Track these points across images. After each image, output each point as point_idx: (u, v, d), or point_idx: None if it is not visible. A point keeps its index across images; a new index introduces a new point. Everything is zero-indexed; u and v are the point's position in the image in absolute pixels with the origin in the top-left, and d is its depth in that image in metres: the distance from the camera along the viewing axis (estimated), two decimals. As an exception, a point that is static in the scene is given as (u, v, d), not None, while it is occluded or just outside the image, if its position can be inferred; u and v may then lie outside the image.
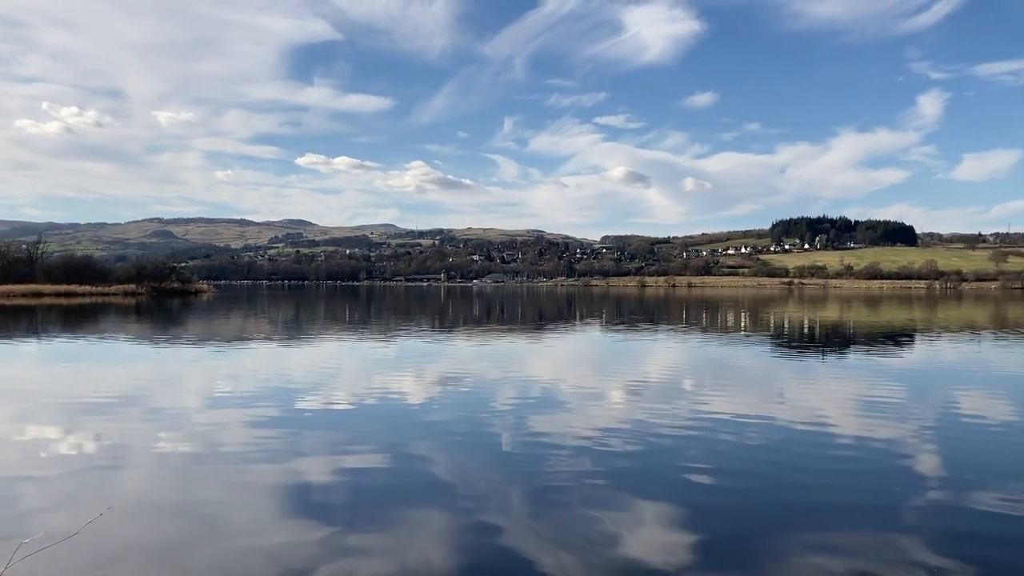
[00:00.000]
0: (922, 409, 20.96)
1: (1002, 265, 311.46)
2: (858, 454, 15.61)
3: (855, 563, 9.59)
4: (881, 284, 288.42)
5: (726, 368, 30.86)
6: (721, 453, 15.46)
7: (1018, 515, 11.49)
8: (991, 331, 55.43)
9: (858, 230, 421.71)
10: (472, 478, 13.45)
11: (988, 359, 35.68)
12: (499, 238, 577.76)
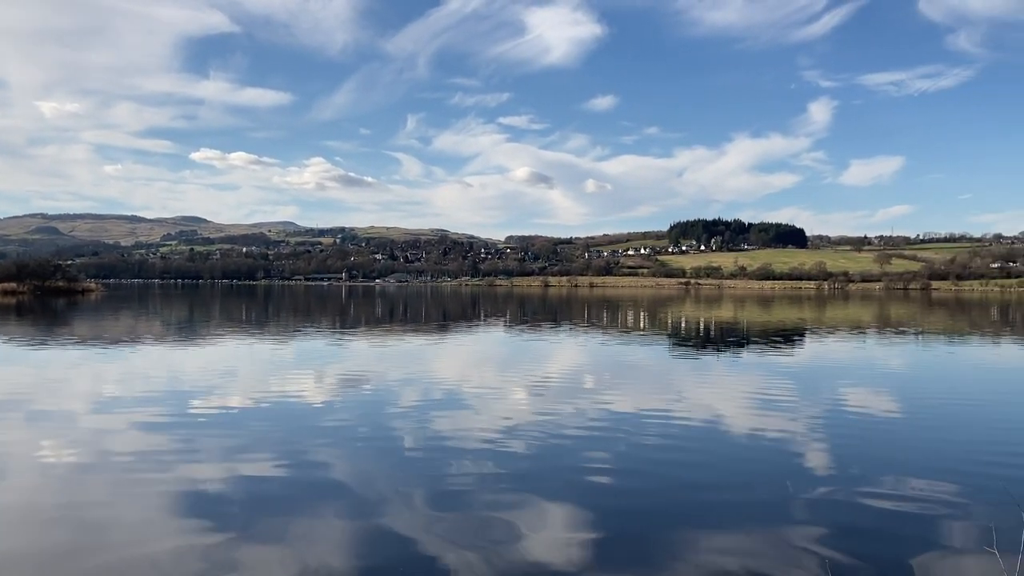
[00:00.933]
0: (812, 406, 21.77)
1: (886, 267, 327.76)
2: (752, 451, 16.08)
3: (749, 559, 9.84)
4: (773, 284, 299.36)
5: (626, 367, 31.38)
6: (621, 452, 15.67)
7: (901, 509, 12.03)
8: (875, 330, 58.15)
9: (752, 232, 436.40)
10: (373, 482, 13.24)
11: (872, 357, 37.39)
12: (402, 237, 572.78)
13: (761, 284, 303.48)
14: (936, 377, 29.86)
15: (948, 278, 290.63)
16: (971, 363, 35.35)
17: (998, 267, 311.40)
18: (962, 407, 22.05)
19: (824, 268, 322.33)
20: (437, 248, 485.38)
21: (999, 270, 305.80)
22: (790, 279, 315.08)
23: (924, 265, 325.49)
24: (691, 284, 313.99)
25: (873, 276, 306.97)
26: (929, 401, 23.22)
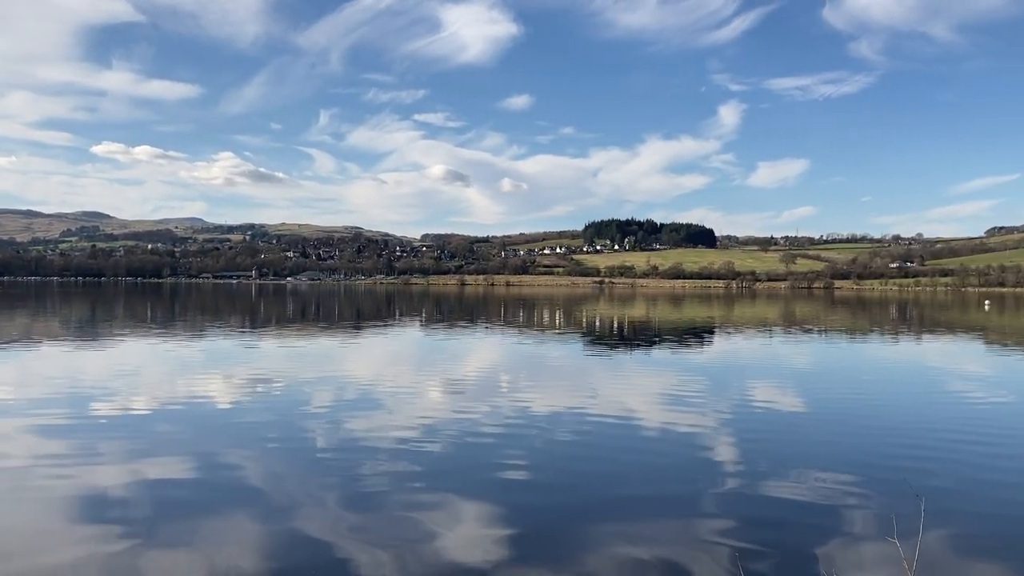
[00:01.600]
0: (721, 401, 22.32)
1: (791, 266, 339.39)
2: (664, 446, 16.39)
3: (662, 551, 10.02)
4: (684, 283, 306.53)
5: (542, 366, 31.59)
6: (537, 449, 15.76)
7: (807, 500, 12.44)
8: (781, 328, 60.05)
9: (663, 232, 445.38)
10: (285, 484, 12.97)
11: (778, 354, 38.60)
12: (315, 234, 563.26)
13: (672, 283, 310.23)
14: (839, 373, 31.01)
15: (850, 277, 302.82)
16: (872, 359, 36.83)
17: (897, 267, 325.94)
18: (864, 402, 22.93)
19: (732, 268, 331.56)
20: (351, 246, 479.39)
21: (897, 270, 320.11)
22: (700, 278, 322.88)
23: (827, 265, 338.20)
24: (605, 283, 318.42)
25: (779, 275, 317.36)
26: (833, 396, 24.08)
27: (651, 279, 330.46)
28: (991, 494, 12.81)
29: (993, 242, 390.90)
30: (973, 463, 14.94)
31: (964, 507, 12.02)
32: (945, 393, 25.17)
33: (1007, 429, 18.66)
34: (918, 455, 15.58)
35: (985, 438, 17.35)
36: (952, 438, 17.28)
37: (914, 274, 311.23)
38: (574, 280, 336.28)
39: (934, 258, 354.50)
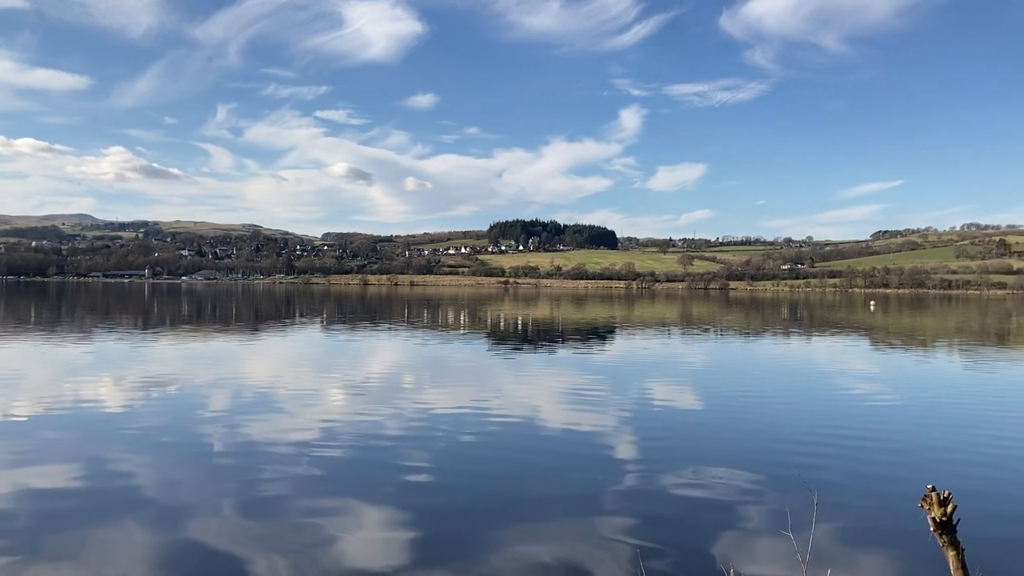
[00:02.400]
0: (622, 400, 22.70)
1: (688, 268, 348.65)
2: (566, 445, 16.56)
3: (563, 550, 10.10)
4: (587, 284, 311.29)
5: (445, 366, 31.46)
6: (440, 450, 15.67)
7: (706, 496, 12.78)
8: (679, 328, 61.54)
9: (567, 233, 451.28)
10: (180, 490, 12.50)
11: (677, 353, 39.52)
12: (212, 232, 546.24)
13: (576, 283, 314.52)
14: (735, 371, 31.96)
15: (744, 278, 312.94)
16: (765, 358, 38.09)
17: (788, 268, 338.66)
18: (759, 399, 23.69)
19: (633, 269, 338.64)
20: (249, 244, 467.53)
21: (789, 271, 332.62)
22: (602, 279, 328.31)
23: (723, 266, 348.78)
24: (510, 283, 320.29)
25: (677, 276, 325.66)
26: (729, 394, 24.78)
27: (555, 279, 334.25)
28: (879, 487, 13.40)
29: (878, 245, 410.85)
30: (862, 457, 15.62)
31: (854, 500, 12.53)
32: (835, 390, 26.22)
33: (893, 424, 19.55)
34: (810, 451, 16.19)
35: (873, 433, 18.18)
36: (842, 434, 18.03)
37: (804, 275, 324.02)
38: (479, 280, 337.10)
39: (823, 260, 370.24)
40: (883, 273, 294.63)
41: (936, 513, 4.15)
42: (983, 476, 14.30)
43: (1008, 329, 66.66)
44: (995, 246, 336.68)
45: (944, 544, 4.14)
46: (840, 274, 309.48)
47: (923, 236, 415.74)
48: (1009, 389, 27.28)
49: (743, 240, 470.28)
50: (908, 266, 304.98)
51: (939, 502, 4.18)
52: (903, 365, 36.00)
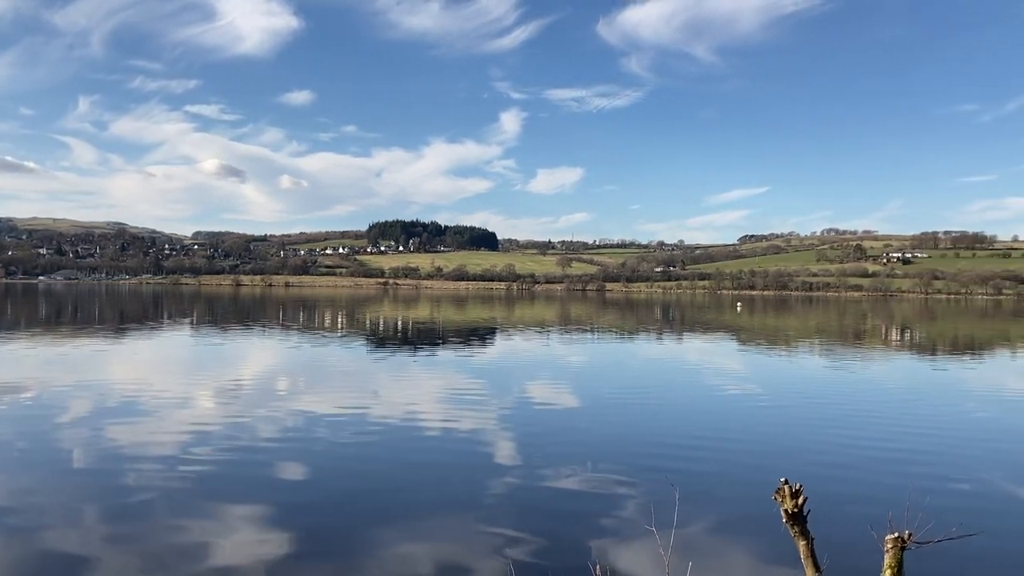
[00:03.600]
0: (502, 401, 22.93)
1: (567, 269, 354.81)
2: (446, 446, 16.60)
3: (441, 550, 10.15)
4: (468, 285, 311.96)
5: (322, 369, 30.94)
6: (318, 454, 15.43)
7: (580, 495, 13.08)
8: (558, 328, 62.56)
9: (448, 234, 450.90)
10: (36, 499, 11.82)
11: (555, 353, 40.19)
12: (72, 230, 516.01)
13: (456, 284, 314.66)
14: (611, 371, 32.79)
15: (620, 280, 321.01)
16: (640, 358, 39.22)
17: (661, 271, 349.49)
18: (632, 397, 24.39)
19: (513, 270, 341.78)
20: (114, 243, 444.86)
21: (662, 273, 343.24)
22: (483, 280, 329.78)
23: (600, 268, 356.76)
24: (390, 284, 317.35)
25: (556, 278, 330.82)
26: (604, 393, 25.41)
27: (436, 280, 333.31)
28: (741, 482, 14.04)
29: (745, 249, 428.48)
30: (727, 456, 16.34)
31: (717, 494, 13.09)
32: (704, 389, 27.27)
33: (756, 421, 20.55)
34: (678, 448, 16.83)
35: (737, 430, 19.08)
36: (709, 430, 18.85)
37: (676, 277, 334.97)
38: (357, 281, 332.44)
39: (694, 263, 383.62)
40: (749, 276, 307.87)
41: (788, 505, 4.43)
42: (836, 470, 15.21)
43: (864, 329, 70.93)
44: (852, 250, 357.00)
45: (795, 534, 4.42)
46: (710, 276, 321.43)
47: (787, 240, 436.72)
48: (865, 386, 29.03)
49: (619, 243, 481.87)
50: (773, 269, 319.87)
51: (791, 495, 4.46)
52: (768, 364, 37.76)
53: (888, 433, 18.70)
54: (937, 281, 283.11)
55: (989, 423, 20.96)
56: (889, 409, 22.80)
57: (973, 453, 16.76)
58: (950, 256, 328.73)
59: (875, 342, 53.95)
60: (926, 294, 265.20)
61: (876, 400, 24.78)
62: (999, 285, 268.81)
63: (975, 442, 18.05)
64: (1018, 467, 15.52)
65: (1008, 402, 25.14)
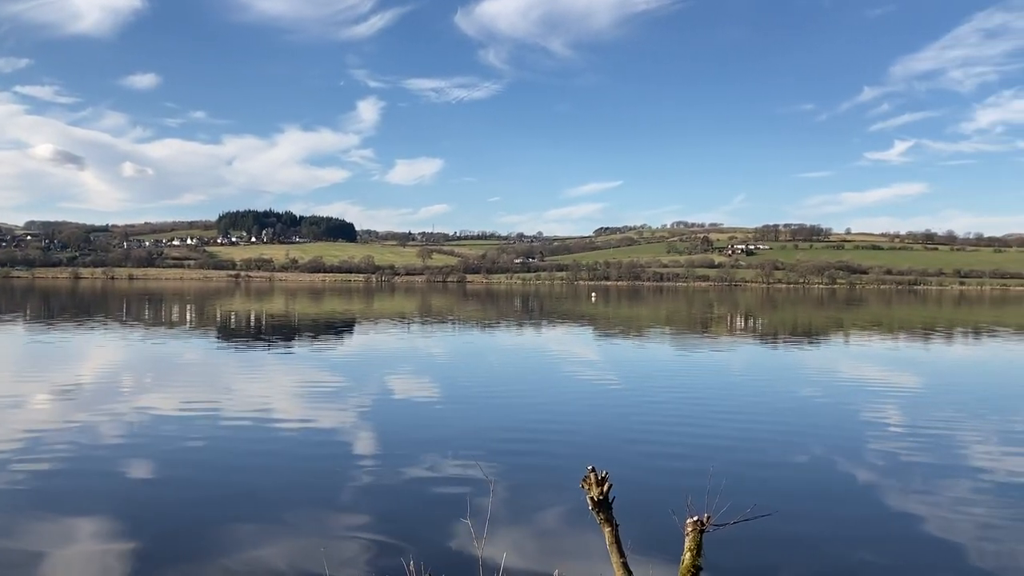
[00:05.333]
0: (362, 394, 22.81)
1: (428, 261, 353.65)
2: (303, 442, 16.35)
3: (297, 551, 10.02)
4: (325, 277, 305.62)
5: (169, 365, 29.82)
6: (164, 456, 14.91)
7: (436, 486, 13.24)
8: (419, 320, 62.54)
9: (303, 225, 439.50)
10: None
11: (416, 345, 40.23)
12: None
13: (313, 277, 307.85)
14: (469, 361, 33.20)
15: (480, 272, 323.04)
16: (499, 348, 39.85)
17: (520, 262, 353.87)
18: (489, 386, 24.81)
19: (372, 262, 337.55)
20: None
21: (521, 265, 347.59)
22: (341, 272, 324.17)
23: (460, 260, 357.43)
24: (241, 276, 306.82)
25: (416, 270, 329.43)
26: (463, 383, 25.74)
27: (291, 272, 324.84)
28: (562, 467, 14.62)
29: (600, 241, 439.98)
30: (554, 442, 17.02)
31: (539, 482, 13.56)
32: (554, 377, 28.01)
33: (594, 408, 21.38)
34: (495, 439, 17.33)
35: (574, 418, 19.84)
36: (547, 417, 19.50)
37: (535, 269, 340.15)
38: (207, 273, 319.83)
39: (552, 255, 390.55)
40: (604, 267, 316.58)
41: (594, 492, 4.79)
42: (655, 455, 16.00)
43: (710, 317, 74.56)
44: (700, 243, 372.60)
45: (601, 521, 4.77)
46: (567, 268, 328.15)
47: (639, 233, 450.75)
48: (703, 372, 30.65)
49: (479, 235, 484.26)
50: (626, 260, 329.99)
51: (597, 482, 4.82)
52: (618, 352, 39.15)
53: (712, 417, 19.75)
54: (778, 271, 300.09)
55: (816, 406, 22.51)
56: (720, 393, 24.24)
57: (792, 435, 17.96)
58: (789, 248, 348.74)
59: (720, 330, 56.85)
60: (768, 284, 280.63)
61: (708, 385, 26.23)
62: (833, 275, 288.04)
63: (796, 424, 19.38)
64: (834, 448, 16.73)
65: (836, 385, 27.11)
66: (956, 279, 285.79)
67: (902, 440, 17.41)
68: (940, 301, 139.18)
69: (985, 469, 14.85)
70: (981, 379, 30.16)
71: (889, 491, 13.23)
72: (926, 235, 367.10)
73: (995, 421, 19.86)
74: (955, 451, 16.48)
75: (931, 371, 32.49)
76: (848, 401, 23.05)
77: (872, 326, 63.54)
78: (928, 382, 28.50)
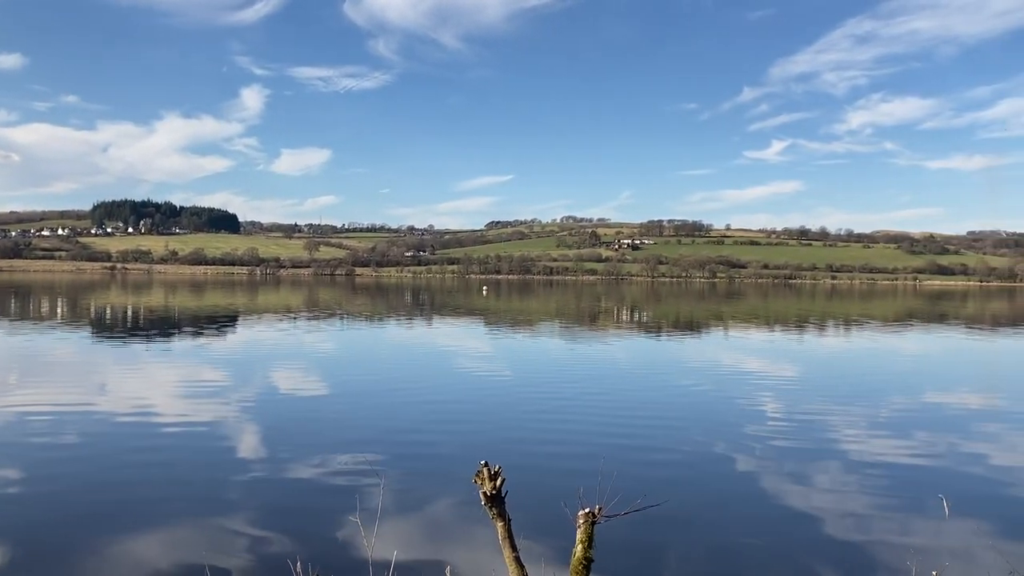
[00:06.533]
0: (244, 391, 22.20)
1: (315, 253, 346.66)
2: (183, 440, 15.78)
3: (178, 551, 9.68)
4: (206, 270, 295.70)
5: (39, 360, 28.26)
6: (33, 453, 14.14)
7: (326, 482, 13.02)
8: (306, 314, 61.28)
9: (184, 216, 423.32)
10: None
11: (302, 340, 39.39)
12: None
13: (194, 269, 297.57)
14: (358, 356, 32.83)
15: (370, 265, 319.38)
16: (387, 342, 39.50)
17: (411, 255, 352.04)
18: (381, 382, 24.66)
19: (257, 254, 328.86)
20: None
21: (412, 258, 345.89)
22: (224, 264, 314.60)
23: (349, 253, 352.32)
24: (118, 269, 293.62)
25: (303, 262, 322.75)
26: (352, 379, 25.44)
27: (170, 265, 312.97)
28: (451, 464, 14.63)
29: (491, 235, 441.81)
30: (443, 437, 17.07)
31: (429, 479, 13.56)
32: (451, 370, 28.02)
33: (484, 401, 21.59)
34: (373, 437, 17.25)
35: (464, 412, 19.97)
36: (439, 413, 19.56)
37: (426, 262, 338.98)
38: (80, 265, 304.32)
39: (443, 248, 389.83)
40: (495, 260, 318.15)
41: (487, 488, 4.75)
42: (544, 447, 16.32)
43: (599, 310, 75.97)
44: (588, 237, 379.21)
45: (493, 516, 4.74)
46: (458, 261, 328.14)
47: (529, 227, 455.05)
48: (590, 363, 31.23)
49: (369, 227, 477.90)
50: (517, 254, 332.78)
51: (490, 476, 4.79)
52: (508, 345, 39.42)
53: (602, 409, 20.28)
54: (662, 265, 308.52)
55: (699, 396, 23.33)
56: (608, 386, 24.81)
57: (677, 425, 18.56)
58: (673, 243, 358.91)
59: (608, 323, 58.01)
60: (652, 277, 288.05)
61: (597, 377, 26.79)
62: (714, 269, 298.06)
63: (681, 414, 20.06)
64: (716, 436, 17.33)
65: (717, 376, 28.08)
66: (828, 273, 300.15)
67: (778, 427, 18.22)
68: (813, 294, 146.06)
69: (852, 452, 15.72)
70: (850, 369, 31.78)
71: (766, 475, 13.83)
72: (801, 231, 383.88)
73: (862, 407, 20.99)
74: (826, 435, 17.36)
75: (805, 361, 34.07)
76: (728, 391, 23.90)
77: (750, 318, 66.14)
78: (802, 372, 29.86)
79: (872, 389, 24.86)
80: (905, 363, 34.24)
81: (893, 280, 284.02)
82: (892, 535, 10.76)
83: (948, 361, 36.29)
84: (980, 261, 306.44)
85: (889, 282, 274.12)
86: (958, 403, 22.62)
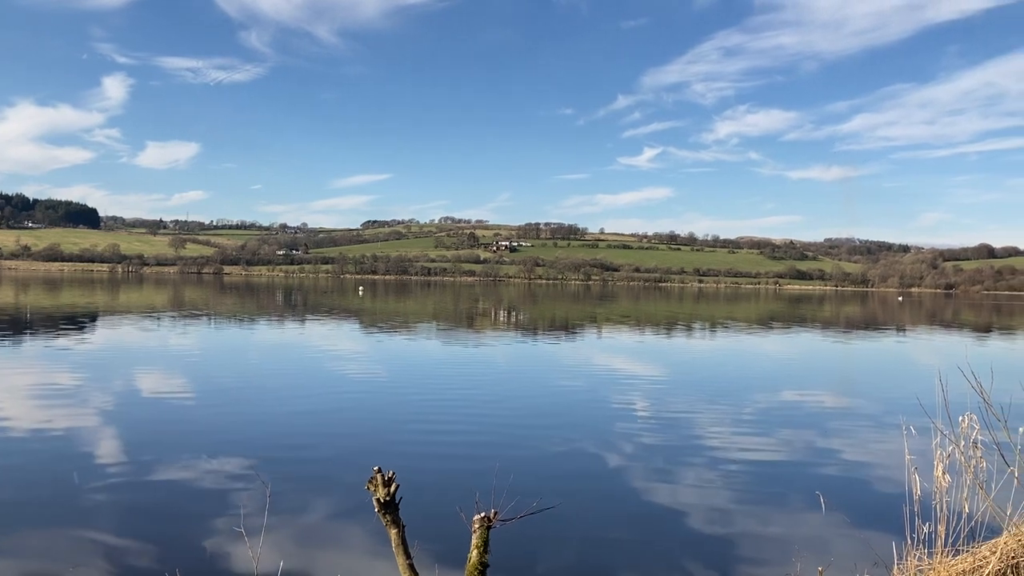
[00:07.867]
0: (105, 394, 21.12)
1: (181, 251, 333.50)
2: (35, 445, 14.92)
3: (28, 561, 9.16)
4: (63, 266, 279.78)
5: None
6: None
7: (193, 485, 12.55)
8: (170, 314, 58.85)
9: (38, 209, 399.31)
10: None
11: (166, 341, 37.80)
12: None
13: (49, 266, 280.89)
14: (228, 359, 31.78)
15: (240, 263, 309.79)
16: (258, 344, 38.40)
17: (283, 254, 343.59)
18: (251, 387, 24.00)
19: (118, 250, 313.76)
20: None
21: (284, 257, 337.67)
22: (82, 261, 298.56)
23: (217, 250, 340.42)
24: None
25: (169, 260, 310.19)
26: (222, 383, 24.57)
27: (22, 261, 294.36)
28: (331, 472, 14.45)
29: (368, 234, 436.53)
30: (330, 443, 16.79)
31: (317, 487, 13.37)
32: (329, 374, 27.50)
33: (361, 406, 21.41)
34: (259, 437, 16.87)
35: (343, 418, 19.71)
36: (317, 418, 19.20)
37: (299, 261, 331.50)
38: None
39: (317, 247, 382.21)
40: (372, 260, 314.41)
41: (380, 494, 4.68)
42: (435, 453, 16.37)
43: (476, 311, 76.26)
44: (466, 238, 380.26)
45: (387, 523, 4.67)
46: (333, 260, 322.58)
47: (407, 227, 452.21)
48: (470, 365, 31.34)
49: (239, 224, 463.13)
50: (394, 254, 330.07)
51: (383, 483, 4.72)
52: (389, 348, 39.06)
53: (488, 412, 20.45)
54: (539, 268, 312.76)
55: (576, 396, 23.87)
56: (491, 389, 24.97)
57: (557, 425, 18.95)
58: (549, 245, 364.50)
59: (486, 324, 58.29)
60: (529, 279, 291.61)
61: (478, 378, 26.95)
62: (588, 272, 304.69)
63: (562, 415, 20.46)
64: (593, 437, 17.81)
65: (592, 376, 28.73)
66: (696, 277, 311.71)
67: (649, 425, 18.89)
68: (682, 297, 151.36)
69: (718, 448, 16.46)
70: (716, 369, 33.12)
71: (637, 473, 14.37)
72: (670, 236, 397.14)
73: (727, 406, 21.97)
74: (693, 432, 18.10)
75: (673, 362, 35.30)
76: (603, 391, 24.59)
77: (622, 320, 67.93)
78: (671, 372, 30.93)
79: (737, 388, 25.99)
80: (767, 364, 35.94)
81: (756, 284, 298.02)
82: (754, 526, 11.34)
83: (806, 362, 38.32)
84: (836, 267, 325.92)
85: (752, 286, 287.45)
86: (815, 401, 24.01)
